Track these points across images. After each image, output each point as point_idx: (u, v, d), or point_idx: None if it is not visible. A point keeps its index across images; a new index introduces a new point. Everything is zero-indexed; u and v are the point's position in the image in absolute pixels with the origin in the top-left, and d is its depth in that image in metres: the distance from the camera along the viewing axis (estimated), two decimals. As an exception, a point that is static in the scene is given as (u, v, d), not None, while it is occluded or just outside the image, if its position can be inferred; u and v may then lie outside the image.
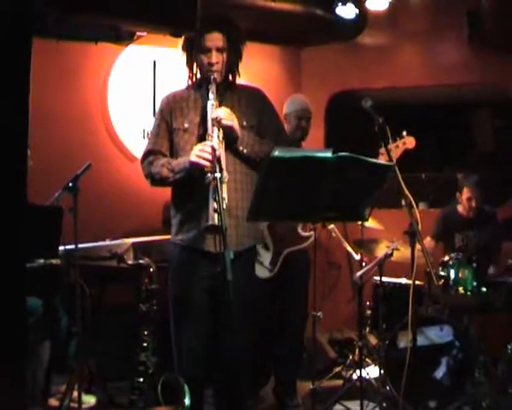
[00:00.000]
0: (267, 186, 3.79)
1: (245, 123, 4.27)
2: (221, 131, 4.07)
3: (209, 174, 3.89)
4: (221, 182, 3.85)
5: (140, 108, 7.33)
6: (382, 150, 5.07)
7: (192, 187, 4.13)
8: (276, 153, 3.68)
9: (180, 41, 4.45)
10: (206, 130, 4.11)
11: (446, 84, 8.27)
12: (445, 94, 8.89)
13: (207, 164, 3.93)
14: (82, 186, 5.02)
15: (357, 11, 7.50)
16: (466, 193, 6.76)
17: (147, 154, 4.38)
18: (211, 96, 4.14)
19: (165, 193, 4.62)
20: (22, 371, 3.22)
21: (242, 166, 4.25)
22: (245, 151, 4.20)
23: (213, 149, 3.94)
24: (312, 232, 5.56)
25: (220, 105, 4.19)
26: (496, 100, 9.19)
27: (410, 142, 4.96)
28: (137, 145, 7.27)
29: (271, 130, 4.32)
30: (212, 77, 4.20)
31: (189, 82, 4.42)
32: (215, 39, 4.21)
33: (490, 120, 10.22)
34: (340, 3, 7.36)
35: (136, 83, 7.32)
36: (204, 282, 4.17)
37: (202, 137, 4.15)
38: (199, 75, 4.37)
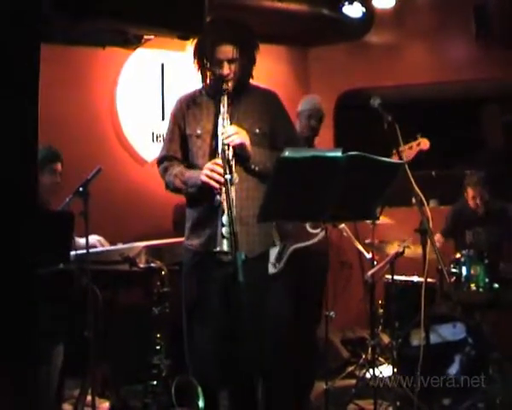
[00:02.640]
0: (278, 186, 3.80)
1: (257, 130, 4.30)
2: (231, 148, 4.10)
3: (218, 196, 3.94)
4: (231, 184, 3.89)
5: (149, 111, 7.34)
6: (395, 151, 5.12)
7: (204, 194, 4.16)
8: (287, 153, 3.69)
9: (188, 44, 4.46)
10: (217, 140, 4.15)
11: (454, 81, 8.25)
12: (454, 91, 8.88)
13: (217, 186, 3.97)
14: (92, 191, 5.03)
15: (363, 10, 7.50)
16: (470, 192, 6.83)
17: (161, 159, 4.45)
18: (222, 109, 4.17)
19: (176, 195, 4.64)
20: (35, 377, 3.23)
21: (254, 178, 4.28)
22: (257, 169, 4.25)
23: (224, 154, 3.97)
24: (321, 229, 5.54)
25: (233, 112, 4.22)
26: (504, 96, 9.18)
27: (424, 143, 5.03)
28: (147, 149, 7.30)
29: (284, 138, 4.33)
30: (223, 88, 4.21)
31: (203, 84, 4.42)
32: (226, 51, 4.20)
33: (498, 116, 10.20)
34: (346, 2, 7.37)
35: (144, 86, 7.34)
36: (216, 284, 4.19)
37: (214, 146, 4.18)
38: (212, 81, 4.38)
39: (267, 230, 4.47)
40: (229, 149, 4.08)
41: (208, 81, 4.38)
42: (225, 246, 3.84)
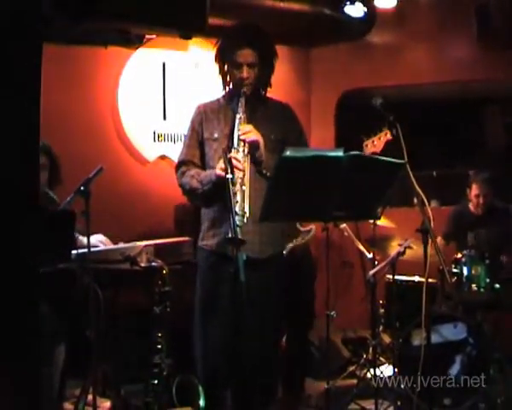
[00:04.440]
0: (279, 186, 3.81)
1: (273, 136, 4.38)
2: (246, 145, 4.16)
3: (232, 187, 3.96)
4: (232, 183, 3.91)
5: (151, 110, 7.35)
6: (366, 143, 5.19)
7: (218, 191, 4.18)
8: (288, 153, 3.70)
9: (190, 43, 4.51)
10: (233, 140, 4.20)
11: (455, 81, 8.25)
12: (455, 91, 8.87)
13: (230, 176, 4.00)
14: (94, 190, 5.02)
15: (365, 10, 7.49)
16: (474, 189, 6.80)
17: (179, 164, 4.53)
18: (239, 109, 4.26)
19: (177, 194, 4.66)
20: (37, 377, 3.24)
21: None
22: (268, 174, 4.30)
23: (225, 153, 3.99)
24: (312, 226, 5.56)
25: (250, 118, 4.30)
26: (505, 97, 9.18)
27: (389, 134, 5.13)
28: (148, 148, 7.30)
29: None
30: (242, 91, 4.30)
31: (224, 92, 4.52)
32: (246, 55, 4.29)
33: (499, 117, 10.19)
34: (348, 2, 7.36)
35: (146, 86, 7.34)
36: (228, 285, 4.22)
37: (230, 146, 4.24)
38: (231, 86, 4.47)
39: (278, 232, 4.51)
40: (244, 145, 4.16)
41: (228, 85, 4.46)
42: (237, 234, 3.87)
